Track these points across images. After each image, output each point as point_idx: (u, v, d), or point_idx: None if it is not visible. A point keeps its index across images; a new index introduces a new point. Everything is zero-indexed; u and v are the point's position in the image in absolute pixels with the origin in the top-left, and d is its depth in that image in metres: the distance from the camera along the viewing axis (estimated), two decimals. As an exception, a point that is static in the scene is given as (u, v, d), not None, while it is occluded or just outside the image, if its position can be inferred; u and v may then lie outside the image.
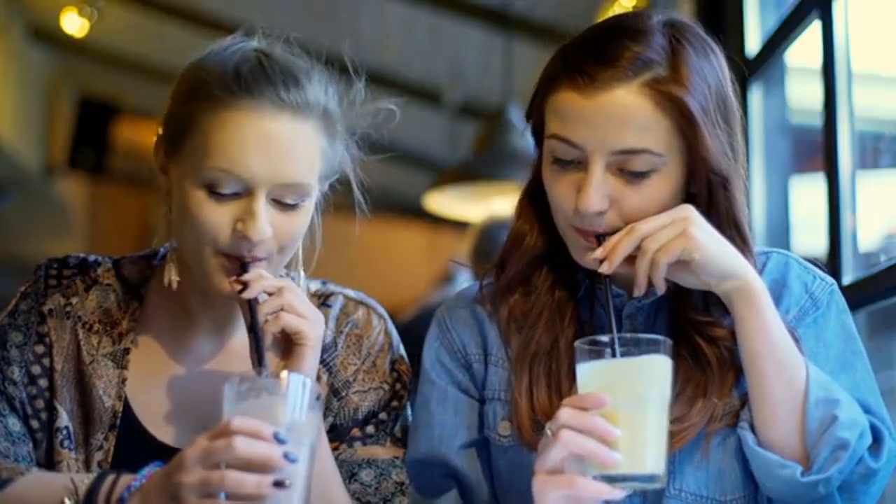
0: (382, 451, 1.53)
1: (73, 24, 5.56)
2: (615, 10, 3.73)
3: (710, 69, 1.38)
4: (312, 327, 1.41)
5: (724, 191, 1.38)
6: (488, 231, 3.82)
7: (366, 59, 1.57)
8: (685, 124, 1.34)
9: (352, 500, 1.47)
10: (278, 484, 1.19)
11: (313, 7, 5.42)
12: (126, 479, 1.32)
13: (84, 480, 1.34)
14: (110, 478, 1.33)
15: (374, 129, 1.55)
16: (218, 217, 1.38)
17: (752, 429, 1.35)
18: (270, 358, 1.39)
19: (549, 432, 1.25)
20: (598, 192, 1.35)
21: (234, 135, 1.37)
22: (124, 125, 7.57)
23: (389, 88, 6.14)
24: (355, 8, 5.52)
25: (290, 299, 1.39)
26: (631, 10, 3.74)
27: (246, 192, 1.38)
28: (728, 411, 1.39)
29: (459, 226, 5.72)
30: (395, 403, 1.56)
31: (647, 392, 1.22)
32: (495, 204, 4.44)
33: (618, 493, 1.20)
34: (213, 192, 1.38)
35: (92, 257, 1.58)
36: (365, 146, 1.58)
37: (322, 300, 1.59)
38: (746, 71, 3.09)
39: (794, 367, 1.34)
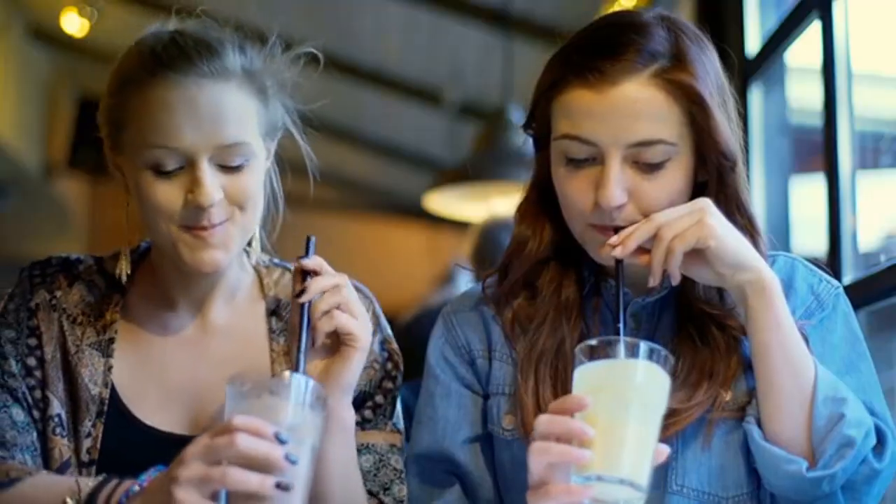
0: (381, 437, 1.54)
1: (73, 24, 5.56)
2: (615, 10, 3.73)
3: (707, 58, 1.40)
4: (364, 329, 1.41)
5: (732, 175, 1.41)
6: (489, 231, 3.82)
7: (366, 59, 1.58)
8: (697, 111, 1.36)
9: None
10: (280, 485, 1.18)
11: (313, 7, 5.42)
12: (128, 483, 1.33)
13: (88, 483, 1.35)
14: (114, 482, 1.34)
15: (303, 77, 1.56)
16: (168, 193, 1.42)
17: (759, 424, 1.36)
18: (310, 360, 1.38)
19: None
20: (617, 186, 1.36)
21: (161, 110, 1.41)
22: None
23: (389, 88, 6.16)
24: (355, 8, 5.53)
25: (348, 297, 1.39)
26: (631, 9, 3.74)
27: (188, 164, 1.42)
28: (732, 405, 1.39)
29: (459, 226, 5.72)
30: (389, 385, 1.57)
31: (630, 395, 1.20)
32: (495, 204, 4.44)
33: (589, 492, 1.17)
34: (157, 171, 1.42)
35: (74, 256, 1.61)
36: (366, 146, 1.59)
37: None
38: (746, 71, 3.09)
39: (803, 362, 1.34)
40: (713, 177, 1.40)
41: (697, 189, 1.41)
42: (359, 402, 1.53)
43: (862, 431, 1.32)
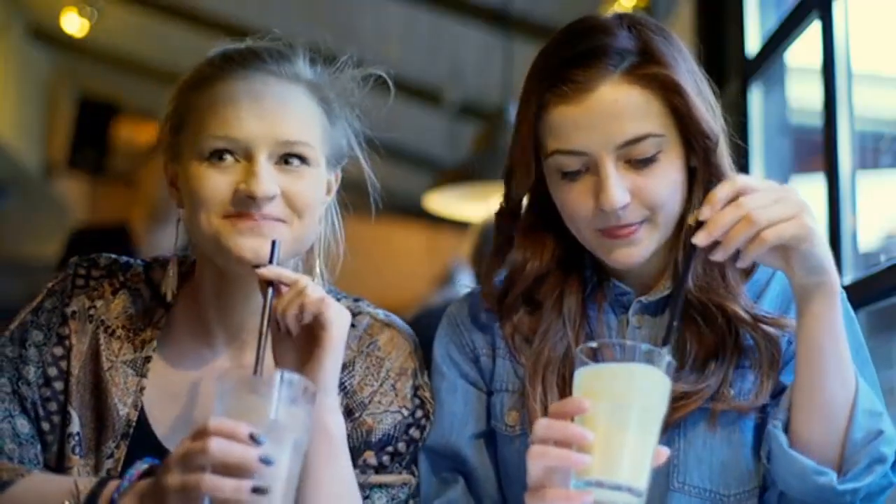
0: (393, 478, 1.49)
1: (73, 24, 5.56)
2: (615, 11, 3.73)
3: (673, 47, 1.42)
4: (336, 313, 1.36)
5: (716, 154, 1.41)
6: (489, 231, 3.80)
7: (366, 59, 1.58)
8: (673, 96, 1.38)
9: None
10: (257, 490, 1.16)
11: (313, 7, 5.42)
12: (119, 481, 1.31)
13: (87, 485, 1.33)
14: (113, 483, 1.32)
15: (369, 101, 1.55)
16: (220, 183, 1.39)
17: (785, 430, 1.35)
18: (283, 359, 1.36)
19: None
20: (618, 187, 1.37)
21: (225, 103, 1.40)
22: (124, 125, 7.57)
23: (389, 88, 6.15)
24: (355, 8, 5.52)
25: (309, 285, 1.36)
26: (630, 10, 3.74)
27: (246, 157, 1.39)
28: (736, 400, 1.39)
29: (459, 226, 5.72)
30: (415, 433, 1.51)
31: (630, 400, 1.18)
32: (495, 204, 4.42)
33: (587, 497, 1.16)
34: (213, 162, 1.39)
35: (124, 259, 1.57)
36: (365, 144, 1.58)
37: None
38: (746, 71, 3.09)
39: (850, 370, 1.34)
40: (700, 159, 1.41)
41: (690, 174, 1.43)
42: (379, 445, 1.49)
43: (894, 448, 1.32)
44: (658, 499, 1.38)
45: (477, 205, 4.60)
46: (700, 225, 1.27)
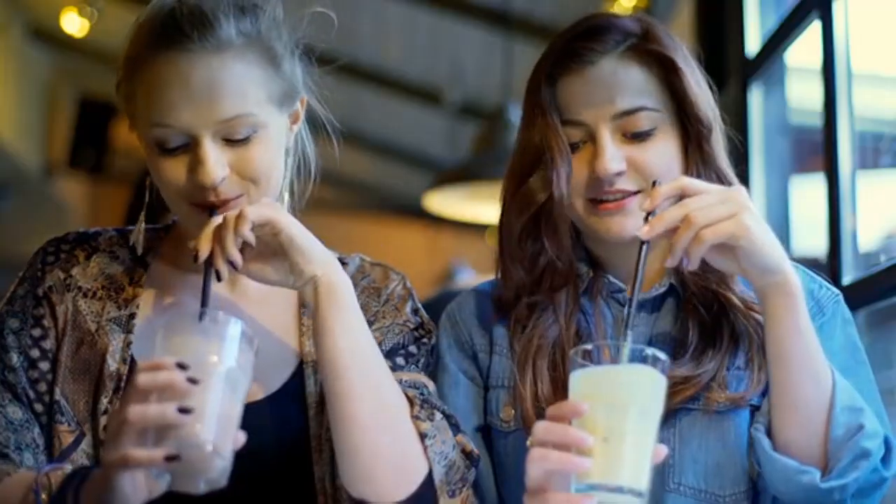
0: (408, 376, 1.48)
1: (73, 24, 5.56)
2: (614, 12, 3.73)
3: (676, 43, 1.48)
4: (279, 211, 1.37)
5: (709, 142, 1.45)
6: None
7: (366, 59, 1.58)
8: (671, 75, 1.44)
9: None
10: (184, 410, 1.14)
11: (313, 7, 5.42)
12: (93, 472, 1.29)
13: (58, 478, 1.31)
14: (82, 473, 1.30)
15: (318, 38, 1.54)
16: (173, 171, 1.41)
17: (767, 433, 1.35)
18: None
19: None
20: (613, 155, 1.41)
21: (157, 88, 1.39)
22: (124, 125, 7.55)
23: (389, 88, 6.16)
24: (355, 8, 5.53)
25: (249, 205, 1.37)
26: (630, 10, 3.74)
27: (191, 142, 1.40)
28: (731, 386, 1.40)
29: (459, 226, 5.72)
30: (424, 340, 1.55)
31: (627, 402, 1.17)
32: (495, 204, 4.42)
33: (589, 501, 1.16)
34: (162, 148, 1.41)
35: (92, 229, 1.58)
36: (366, 146, 1.58)
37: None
38: (746, 71, 3.09)
39: (822, 368, 1.34)
40: (694, 144, 1.45)
41: (686, 164, 1.45)
42: (390, 353, 1.50)
43: (877, 442, 1.32)
44: (653, 499, 1.38)
45: (477, 205, 4.60)
46: (647, 217, 1.30)
